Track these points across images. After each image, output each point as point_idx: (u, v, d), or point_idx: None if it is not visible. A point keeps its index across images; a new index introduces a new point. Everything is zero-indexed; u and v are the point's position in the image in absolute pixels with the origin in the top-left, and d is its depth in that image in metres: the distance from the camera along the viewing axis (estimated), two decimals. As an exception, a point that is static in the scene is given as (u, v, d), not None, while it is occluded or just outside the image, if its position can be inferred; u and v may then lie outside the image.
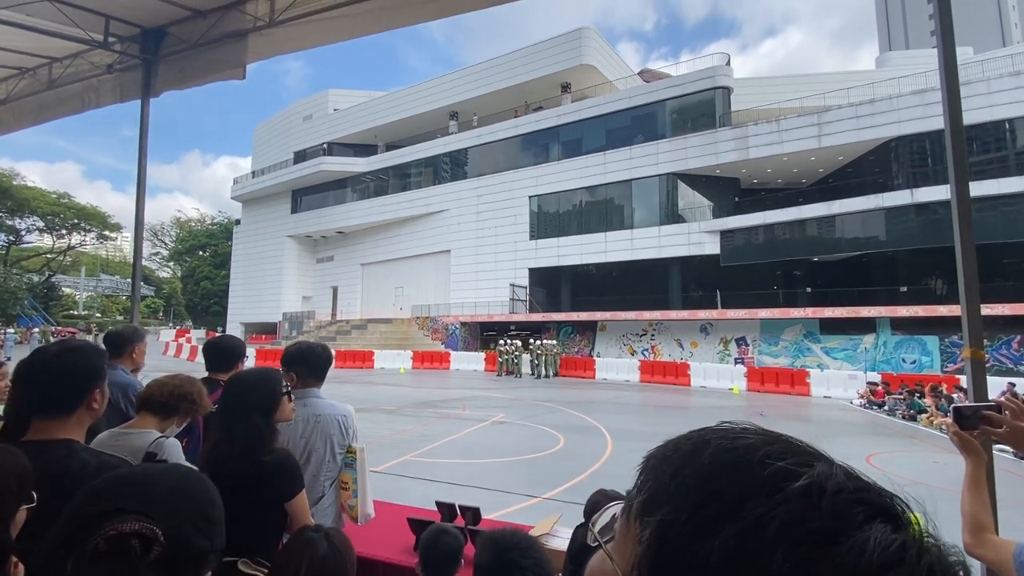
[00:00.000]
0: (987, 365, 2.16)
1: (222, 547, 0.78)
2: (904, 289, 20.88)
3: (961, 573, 0.33)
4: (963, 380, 13.67)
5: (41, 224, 44.44)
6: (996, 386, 12.86)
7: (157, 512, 0.70)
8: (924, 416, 12.18)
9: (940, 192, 18.70)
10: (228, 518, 0.83)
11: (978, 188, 17.32)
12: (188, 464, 1.46)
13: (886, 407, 13.73)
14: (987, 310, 14.55)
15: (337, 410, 2.33)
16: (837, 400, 15.94)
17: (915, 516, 0.35)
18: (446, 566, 1.74)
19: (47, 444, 1.23)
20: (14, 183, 39.67)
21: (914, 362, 19.53)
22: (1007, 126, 19.18)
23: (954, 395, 12.63)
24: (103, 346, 2.94)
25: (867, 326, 20.54)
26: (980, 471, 1.35)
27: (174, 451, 1.75)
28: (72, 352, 1.32)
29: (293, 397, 1.94)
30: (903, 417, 12.80)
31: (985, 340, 2.16)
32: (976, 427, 1.35)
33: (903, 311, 19.23)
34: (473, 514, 2.65)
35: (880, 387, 14.79)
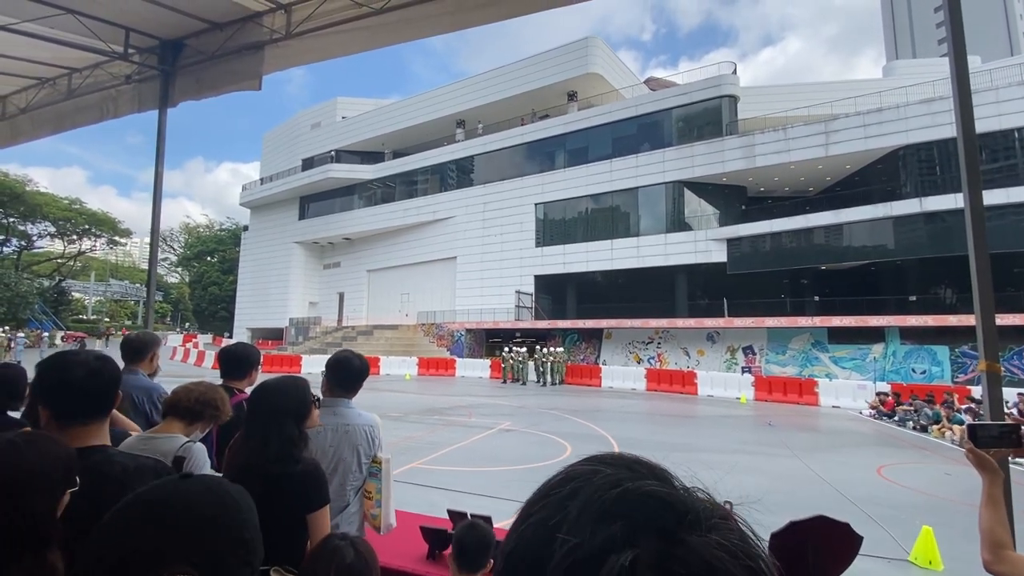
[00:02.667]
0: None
1: (261, 562, 0.75)
2: (913, 298, 20.72)
3: None
4: (975, 391, 13.55)
5: (53, 229, 44.97)
6: (1007, 397, 12.73)
7: (198, 552, 0.64)
8: (935, 427, 12.04)
9: (949, 201, 18.59)
10: (270, 527, 0.84)
11: (988, 197, 17.06)
12: (214, 476, 1.51)
13: (896, 418, 13.59)
14: (998, 320, 14.43)
15: (365, 420, 2.36)
16: (846, 410, 15.80)
17: None
18: (481, 554, 1.80)
19: (83, 451, 1.26)
20: (27, 189, 40.23)
21: (924, 372, 19.33)
22: (1016, 135, 19.09)
23: (964, 406, 12.50)
24: (120, 351, 3.01)
25: (876, 335, 20.38)
26: (997, 488, 1.35)
27: (201, 455, 1.80)
28: (106, 360, 1.35)
29: (324, 405, 1.98)
30: (914, 428, 12.66)
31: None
32: (991, 445, 1.35)
33: (912, 320, 19.07)
34: (485, 523, 2.66)
35: (890, 397, 14.65)
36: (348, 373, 2.38)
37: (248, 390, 2.71)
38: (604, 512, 0.37)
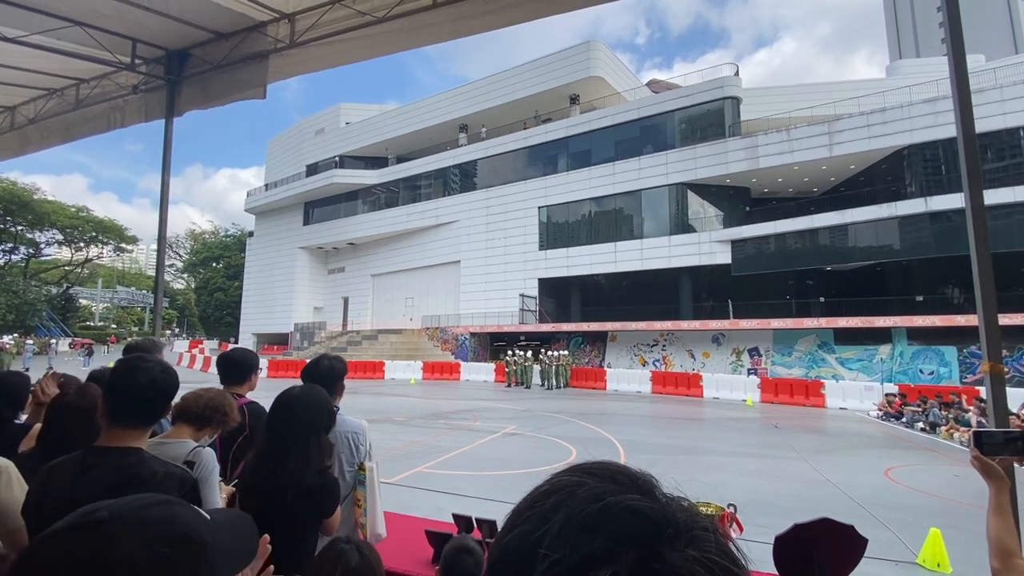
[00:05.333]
0: (1007, 377, 2.15)
1: None
2: (920, 298, 20.58)
3: None
4: (983, 392, 13.42)
5: (60, 237, 45.35)
6: (1015, 398, 12.61)
7: None
8: (944, 428, 11.95)
9: (955, 200, 18.49)
10: (286, 535, 0.81)
11: (993, 196, 17.12)
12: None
13: (904, 419, 13.49)
14: (1005, 320, 14.26)
15: (348, 426, 2.32)
16: (853, 412, 15.69)
17: None
18: None
19: (120, 451, 1.33)
20: (34, 197, 40.61)
21: (932, 373, 19.18)
22: (1021, 133, 18.97)
23: (971, 407, 12.38)
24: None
25: (883, 336, 20.24)
26: (1004, 496, 1.34)
27: (210, 460, 1.83)
28: (171, 371, 1.44)
29: None
30: (922, 429, 12.56)
31: (1004, 351, 2.14)
32: (997, 452, 1.35)
33: (919, 321, 18.93)
34: (490, 527, 2.66)
35: (898, 398, 14.54)
36: (316, 375, 2.36)
37: (248, 395, 2.74)
38: (585, 527, 0.37)
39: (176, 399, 2.19)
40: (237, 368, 2.77)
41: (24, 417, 2.47)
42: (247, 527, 0.76)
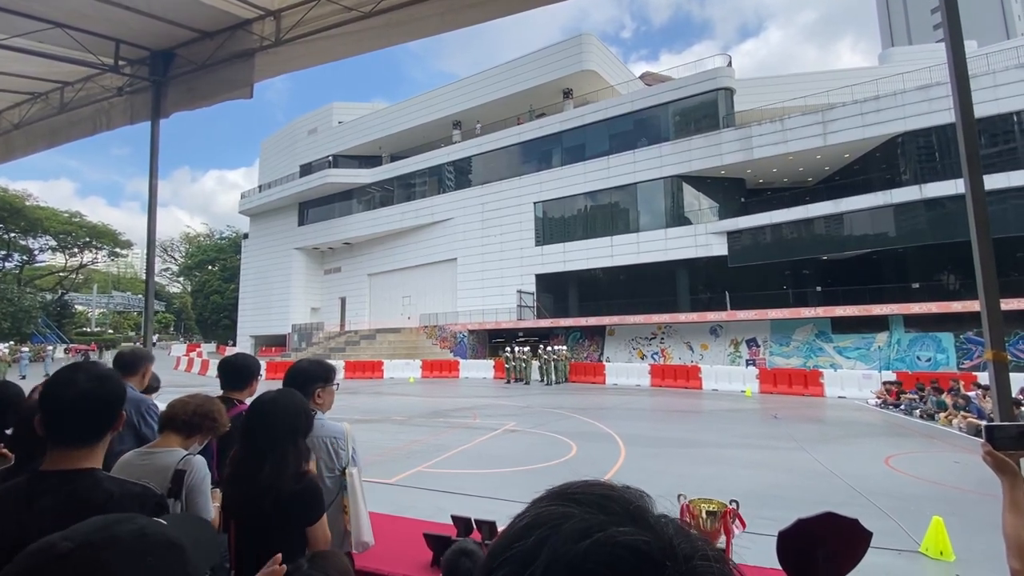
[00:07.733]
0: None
1: None
2: (916, 286, 20.63)
3: None
4: (981, 377, 13.47)
5: (54, 243, 45.09)
6: (1014, 383, 12.65)
7: None
8: (943, 415, 11.98)
9: (949, 187, 18.52)
10: (270, 544, 0.79)
11: (988, 182, 17.08)
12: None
13: (902, 406, 13.53)
14: (1002, 305, 14.34)
15: (327, 431, 2.26)
16: (852, 400, 15.74)
17: None
18: None
19: (71, 474, 1.21)
20: (27, 204, 40.32)
21: (929, 360, 19.26)
22: (1015, 118, 19.00)
23: (972, 393, 12.42)
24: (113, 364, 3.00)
25: (880, 324, 20.30)
26: (1019, 492, 1.29)
27: (201, 468, 1.79)
28: (106, 379, 1.30)
29: None
30: (921, 416, 12.60)
31: (1004, 339, 2.11)
32: (1010, 447, 1.30)
33: (916, 308, 19.00)
34: (489, 528, 2.62)
35: (894, 387, 14.59)
36: (298, 378, 2.31)
37: (248, 401, 2.70)
38: (572, 570, 0.33)
39: (156, 406, 2.14)
40: (238, 374, 2.76)
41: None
42: (205, 526, 0.76)
